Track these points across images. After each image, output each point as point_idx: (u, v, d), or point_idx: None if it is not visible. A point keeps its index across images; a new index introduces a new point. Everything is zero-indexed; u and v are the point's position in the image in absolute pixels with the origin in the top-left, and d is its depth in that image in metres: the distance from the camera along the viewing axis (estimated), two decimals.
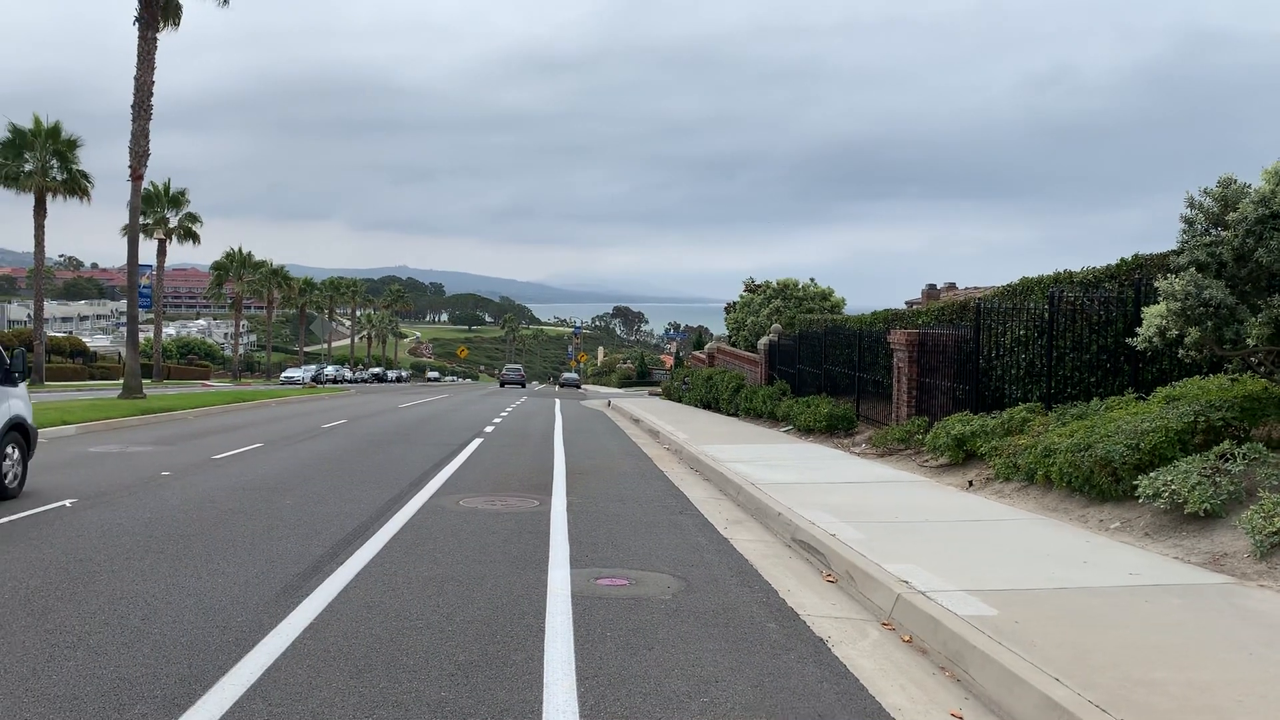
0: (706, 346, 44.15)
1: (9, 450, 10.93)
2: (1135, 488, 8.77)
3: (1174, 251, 10.15)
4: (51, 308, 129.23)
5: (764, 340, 30.45)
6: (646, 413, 29.67)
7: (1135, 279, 12.14)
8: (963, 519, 9.59)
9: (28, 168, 45.64)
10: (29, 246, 48.76)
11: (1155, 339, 9.65)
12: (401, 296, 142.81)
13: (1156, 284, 9.79)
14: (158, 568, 7.49)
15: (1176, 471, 8.46)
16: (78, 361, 69.46)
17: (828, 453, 16.53)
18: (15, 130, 45.36)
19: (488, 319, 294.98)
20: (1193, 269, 9.14)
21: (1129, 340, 10.84)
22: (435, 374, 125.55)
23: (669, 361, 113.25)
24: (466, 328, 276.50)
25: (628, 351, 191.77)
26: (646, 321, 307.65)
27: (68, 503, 10.48)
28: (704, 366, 39.31)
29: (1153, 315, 9.64)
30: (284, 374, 79.67)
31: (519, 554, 8.30)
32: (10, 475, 10.88)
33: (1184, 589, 6.66)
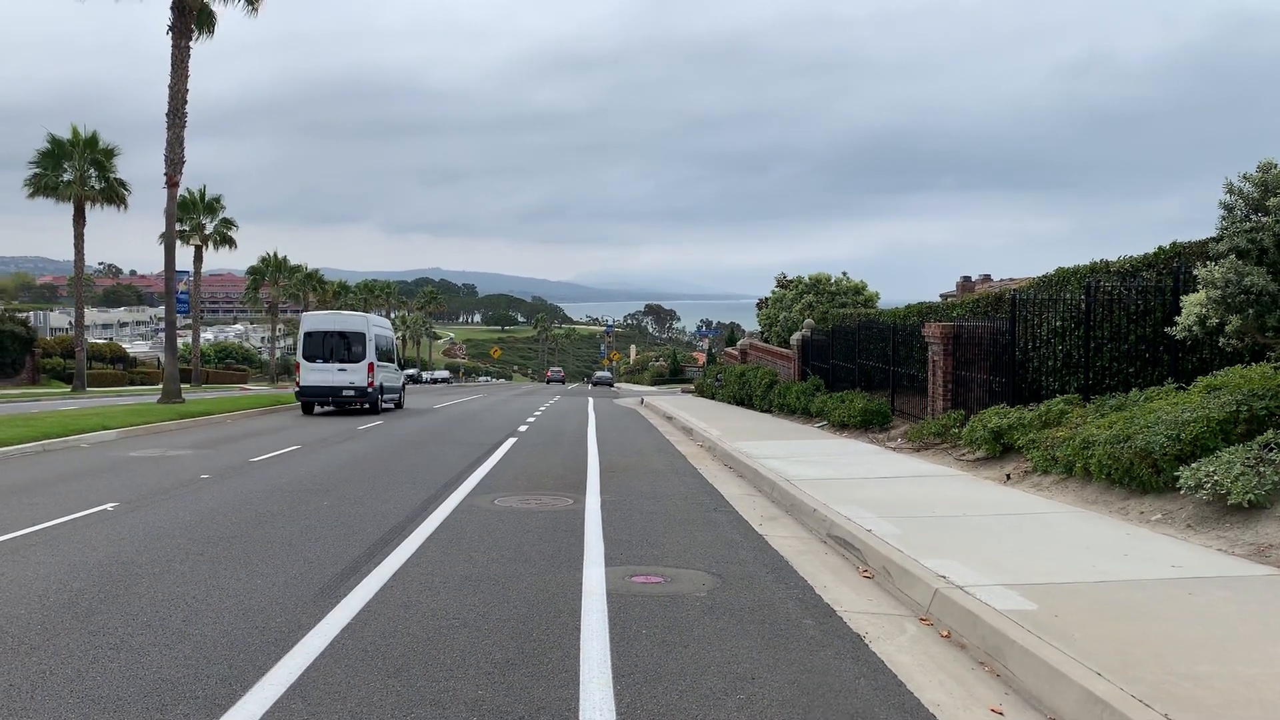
0: (739, 343, 44.05)
1: (404, 392, 32.69)
2: (1176, 479, 8.64)
3: (1213, 239, 9.99)
4: (92, 315, 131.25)
5: (797, 335, 30.33)
6: (679, 410, 29.65)
7: (1174, 267, 11.97)
8: (1000, 512, 9.50)
9: (66, 177, 46.38)
10: (69, 255, 49.58)
11: (1195, 328, 9.51)
12: (435, 298, 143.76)
13: (1196, 272, 9.65)
14: (198, 570, 7.58)
15: (1219, 462, 8.32)
16: (118, 367, 70.50)
17: (863, 448, 16.43)
18: (54, 141, 46.11)
19: (520, 319, 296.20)
20: (1233, 256, 8.99)
21: (1168, 330, 10.69)
22: (444, 374, 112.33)
23: (701, 358, 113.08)
24: (499, 328, 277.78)
25: (660, 349, 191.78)
26: (678, 319, 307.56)
27: (109, 506, 10.64)
28: (736, 363, 39.22)
29: (1192, 304, 9.50)
30: None
31: (554, 552, 8.32)
32: (404, 400, 32.56)
33: (1228, 581, 6.55)
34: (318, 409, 29.42)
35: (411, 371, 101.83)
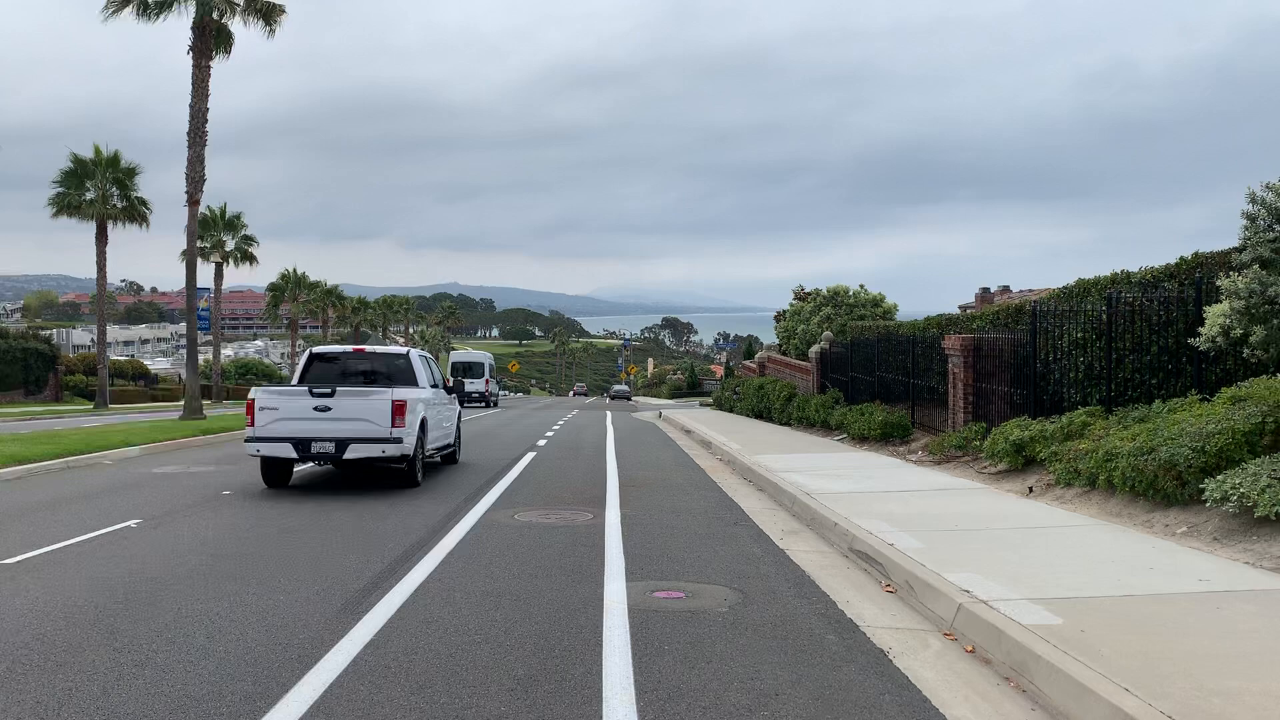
0: (757, 356, 43.98)
1: (497, 396, 58.85)
2: (1202, 491, 8.57)
3: (1236, 248, 9.94)
4: (114, 332, 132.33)
5: (815, 348, 30.26)
6: (698, 423, 29.61)
7: (1196, 278, 11.89)
8: (1023, 526, 9.43)
9: (89, 196, 46.78)
10: (91, 273, 49.97)
11: (1219, 338, 9.45)
12: (453, 313, 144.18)
13: (1219, 282, 9.59)
14: (221, 586, 7.61)
15: (1245, 474, 8.24)
16: (139, 384, 71.02)
17: (883, 461, 16.36)
18: (77, 160, 46.54)
19: (538, 333, 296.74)
20: (1256, 266, 8.94)
21: (1191, 340, 10.62)
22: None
23: (719, 372, 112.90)
24: (517, 342, 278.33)
25: (678, 363, 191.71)
26: (696, 332, 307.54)
27: (133, 523, 10.70)
28: (755, 376, 39.15)
29: (1215, 314, 9.45)
30: None
31: (574, 567, 8.31)
32: (499, 401, 58.71)
33: (1256, 595, 6.48)
34: None
35: None
